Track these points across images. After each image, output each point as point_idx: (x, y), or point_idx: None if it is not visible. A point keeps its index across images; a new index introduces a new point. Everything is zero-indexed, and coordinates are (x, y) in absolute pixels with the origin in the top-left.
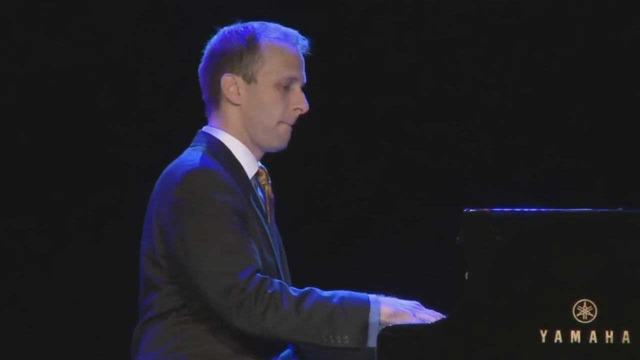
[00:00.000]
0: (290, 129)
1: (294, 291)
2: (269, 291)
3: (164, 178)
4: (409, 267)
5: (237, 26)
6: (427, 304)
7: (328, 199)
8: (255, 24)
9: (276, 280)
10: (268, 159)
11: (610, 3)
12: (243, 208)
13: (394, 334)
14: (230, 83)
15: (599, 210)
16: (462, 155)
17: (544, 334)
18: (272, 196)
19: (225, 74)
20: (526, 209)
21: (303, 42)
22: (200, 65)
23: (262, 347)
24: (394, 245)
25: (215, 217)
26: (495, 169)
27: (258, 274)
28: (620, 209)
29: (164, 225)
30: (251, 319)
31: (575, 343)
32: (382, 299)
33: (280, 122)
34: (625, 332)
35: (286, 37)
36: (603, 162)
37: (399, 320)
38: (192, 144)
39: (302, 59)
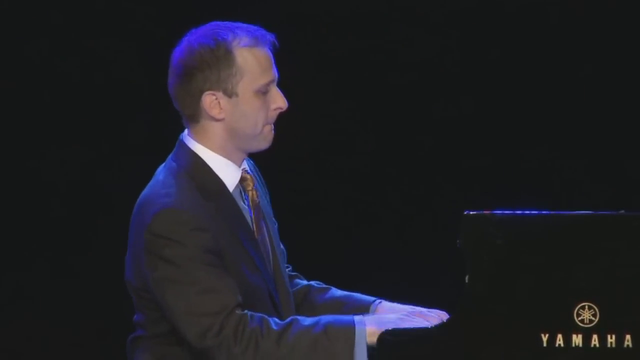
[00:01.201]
0: (273, 127)
1: (275, 324)
2: (248, 329)
3: (138, 209)
4: (408, 270)
5: (204, 35)
6: (427, 307)
7: (327, 201)
8: (221, 31)
9: (257, 315)
10: (268, 161)
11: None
12: (216, 244)
13: (394, 338)
14: (211, 101)
15: (601, 212)
16: (462, 157)
17: (545, 338)
18: (257, 201)
19: (206, 93)
20: (527, 212)
21: (271, 39)
22: (170, 80)
23: None
24: (393, 248)
25: (188, 259)
26: (495, 171)
27: (237, 311)
28: (622, 211)
29: (140, 265)
30: (232, 358)
31: (577, 347)
32: (368, 318)
33: (264, 125)
34: (628, 336)
35: (256, 40)
36: (605, 164)
37: None
38: (171, 156)
39: (272, 56)
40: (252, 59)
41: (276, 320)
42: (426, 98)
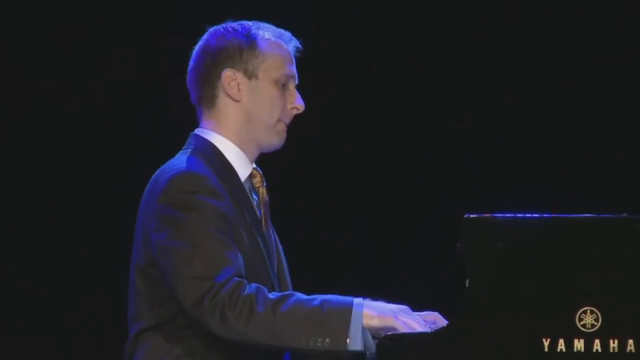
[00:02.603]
0: (286, 128)
1: (272, 295)
2: (243, 294)
3: (151, 184)
4: (408, 274)
5: (230, 24)
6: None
7: (327, 203)
8: (249, 22)
9: (253, 284)
10: (266, 164)
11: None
12: (230, 213)
13: (394, 343)
14: (231, 78)
15: (603, 215)
16: (463, 160)
17: (546, 343)
18: (266, 199)
19: (226, 70)
20: (528, 215)
21: (295, 42)
22: (191, 65)
23: (260, 358)
24: (393, 251)
25: (200, 222)
26: (496, 173)
27: (235, 278)
28: (625, 214)
29: (149, 232)
30: (226, 323)
31: (579, 352)
32: (367, 302)
33: (279, 120)
34: (630, 341)
35: (280, 35)
36: (607, 167)
37: (381, 323)
38: (183, 147)
39: (294, 57)
40: (275, 47)
41: (274, 292)
42: (427, 100)
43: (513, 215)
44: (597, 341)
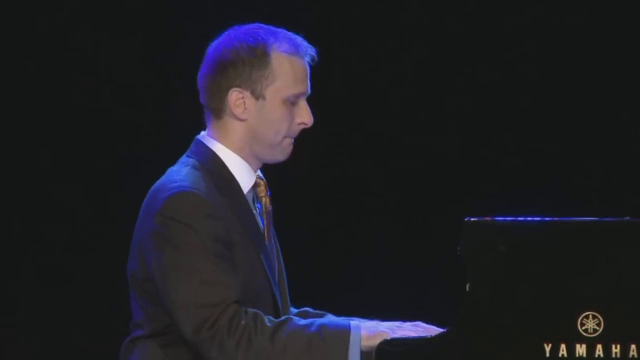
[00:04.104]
0: (293, 141)
1: (269, 321)
2: (242, 322)
3: (149, 198)
4: (408, 278)
5: (245, 33)
6: (427, 316)
7: (326, 206)
8: (263, 32)
9: (252, 310)
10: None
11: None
12: (228, 235)
13: (393, 348)
14: (237, 98)
15: (605, 219)
16: (463, 163)
17: (548, 348)
18: (269, 208)
19: (233, 89)
20: (529, 218)
21: (311, 52)
22: (202, 71)
23: None
24: (393, 255)
25: (196, 246)
26: (497, 177)
27: (233, 305)
28: (628, 218)
29: (145, 251)
30: (224, 352)
31: (581, 357)
32: (363, 324)
33: (285, 137)
34: (633, 346)
35: (296, 48)
36: (609, 170)
37: (378, 341)
38: (186, 153)
39: (309, 69)
40: (288, 66)
41: (270, 317)
42: (428, 102)
43: (514, 218)
44: (599, 346)
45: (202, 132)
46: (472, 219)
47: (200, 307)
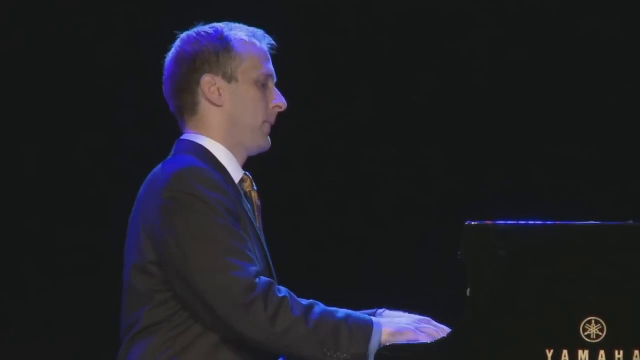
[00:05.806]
0: (270, 129)
1: (302, 300)
2: (279, 295)
3: (149, 182)
4: (409, 282)
5: (201, 28)
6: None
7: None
8: (220, 24)
9: (282, 286)
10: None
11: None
12: (235, 208)
13: (392, 354)
14: (210, 83)
15: (608, 223)
16: (464, 166)
17: (550, 354)
18: (258, 202)
19: (204, 75)
20: (531, 222)
21: (269, 39)
22: (167, 74)
23: (260, 355)
24: (393, 259)
25: (209, 214)
26: (498, 180)
27: (262, 277)
28: (630, 221)
29: (153, 229)
30: (259, 322)
31: None
32: (384, 320)
33: (264, 121)
34: (636, 352)
35: (254, 34)
36: (611, 173)
37: (400, 339)
38: (171, 154)
39: (269, 55)
40: (250, 47)
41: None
42: (426, 104)
43: (515, 222)
44: (601, 352)
45: (182, 136)
46: (472, 222)
47: (228, 271)
